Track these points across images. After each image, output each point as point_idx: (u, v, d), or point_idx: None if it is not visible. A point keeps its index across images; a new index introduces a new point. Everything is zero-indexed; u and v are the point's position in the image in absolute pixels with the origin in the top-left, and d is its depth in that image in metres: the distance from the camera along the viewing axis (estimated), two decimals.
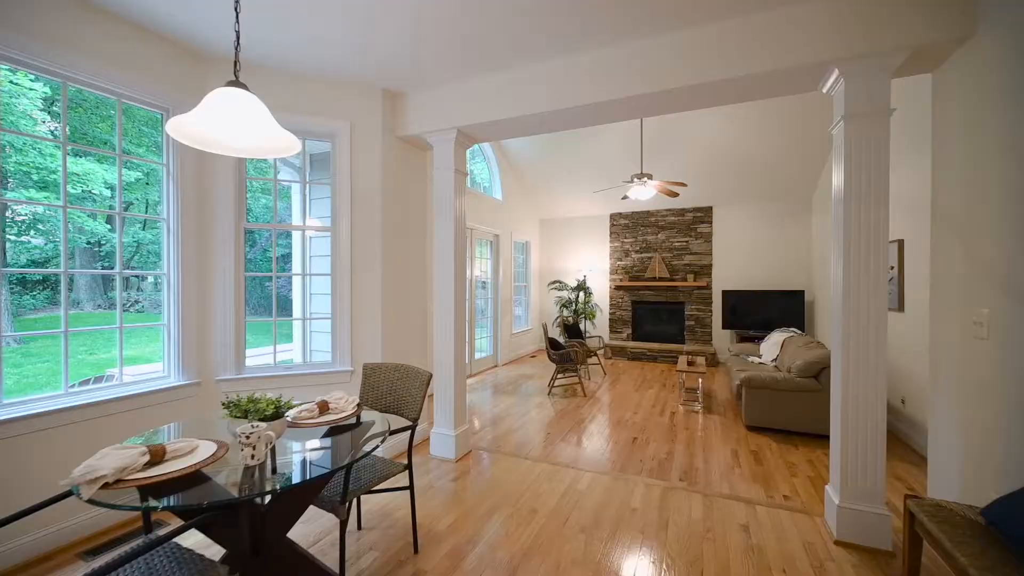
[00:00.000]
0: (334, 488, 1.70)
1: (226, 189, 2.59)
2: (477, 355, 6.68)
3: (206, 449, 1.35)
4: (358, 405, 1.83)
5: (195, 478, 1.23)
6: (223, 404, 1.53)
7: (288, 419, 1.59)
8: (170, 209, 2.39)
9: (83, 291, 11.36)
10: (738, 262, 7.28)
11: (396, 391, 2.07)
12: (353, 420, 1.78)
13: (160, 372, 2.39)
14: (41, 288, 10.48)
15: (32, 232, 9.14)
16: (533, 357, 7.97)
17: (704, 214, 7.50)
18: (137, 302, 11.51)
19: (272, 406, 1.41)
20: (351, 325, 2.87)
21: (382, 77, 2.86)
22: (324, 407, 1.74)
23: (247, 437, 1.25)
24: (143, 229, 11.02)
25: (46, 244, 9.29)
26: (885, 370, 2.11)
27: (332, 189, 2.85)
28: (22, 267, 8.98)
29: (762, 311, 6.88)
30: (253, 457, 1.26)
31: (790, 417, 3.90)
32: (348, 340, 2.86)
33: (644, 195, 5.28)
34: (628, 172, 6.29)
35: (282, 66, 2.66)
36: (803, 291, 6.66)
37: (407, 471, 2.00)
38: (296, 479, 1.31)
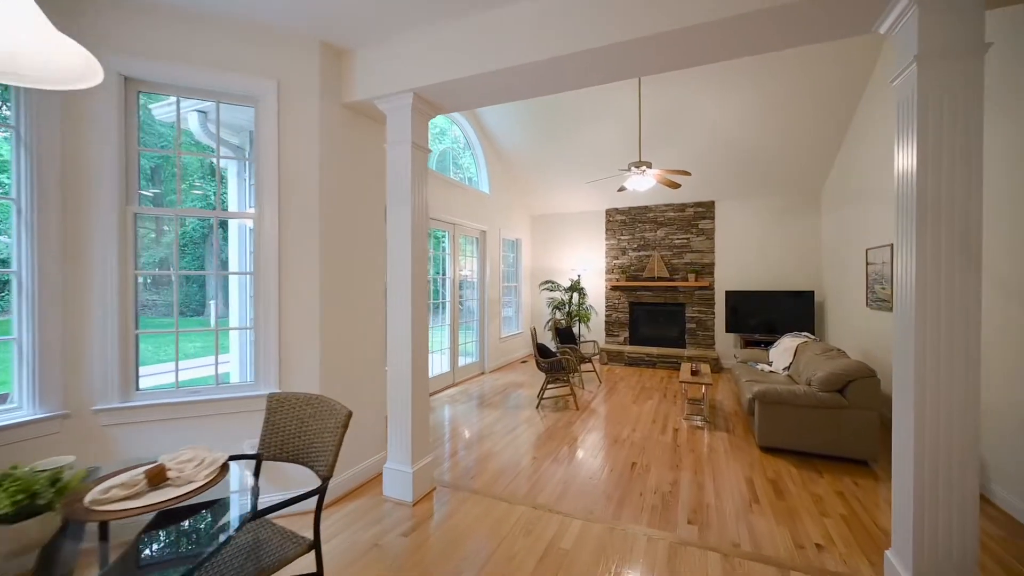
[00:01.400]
0: None
1: (108, 161, 2.00)
2: (461, 362, 6.11)
3: None
4: (224, 466, 1.25)
5: None
6: None
7: (85, 503, 1.01)
8: (21, 185, 1.82)
9: None
10: (742, 261, 6.75)
11: (307, 433, 1.51)
12: (217, 488, 1.18)
13: (13, 403, 1.81)
14: None
15: None
16: (524, 363, 7.41)
17: (706, 209, 6.97)
18: None
19: (23, 492, 0.82)
20: (279, 336, 2.30)
21: (320, 26, 2.28)
22: (157, 476, 1.15)
23: None
24: None
25: None
26: (978, 399, 1.56)
27: (256, 167, 2.27)
28: None
29: (768, 313, 6.36)
30: None
31: (811, 437, 3.37)
32: (275, 356, 2.29)
33: (643, 186, 4.73)
34: (625, 163, 5.73)
35: (184, 3, 2.08)
36: (812, 292, 6.14)
37: (313, 551, 1.40)
38: None
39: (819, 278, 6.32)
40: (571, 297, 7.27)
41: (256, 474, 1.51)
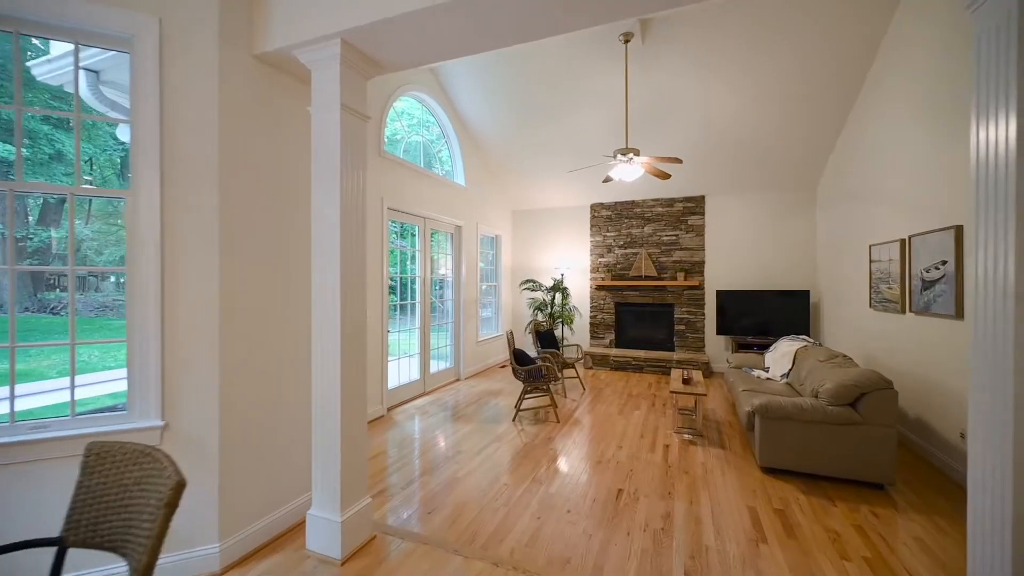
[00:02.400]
0: None
1: None
2: (434, 367, 5.60)
3: None
4: None
5: None
6: None
7: None
8: None
9: None
10: (734, 259, 6.39)
11: (129, 508, 1.00)
12: None
13: None
14: None
15: None
16: (503, 367, 6.93)
17: (696, 204, 6.58)
18: None
19: None
20: (161, 350, 1.77)
21: None
22: None
23: None
24: None
25: None
26: None
27: (132, 132, 1.74)
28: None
29: (761, 314, 6.00)
30: None
31: (819, 458, 2.97)
32: (155, 375, 1.76)
33: (630, 175, 4.28)
34: (611, 152, 5.29)
35: None
36: (808, 292, 5.80)
37: None
38: None
39: (814, 277, 5.98)
40: (554, 297, 6.81)
41: (56, 570, 0.99)
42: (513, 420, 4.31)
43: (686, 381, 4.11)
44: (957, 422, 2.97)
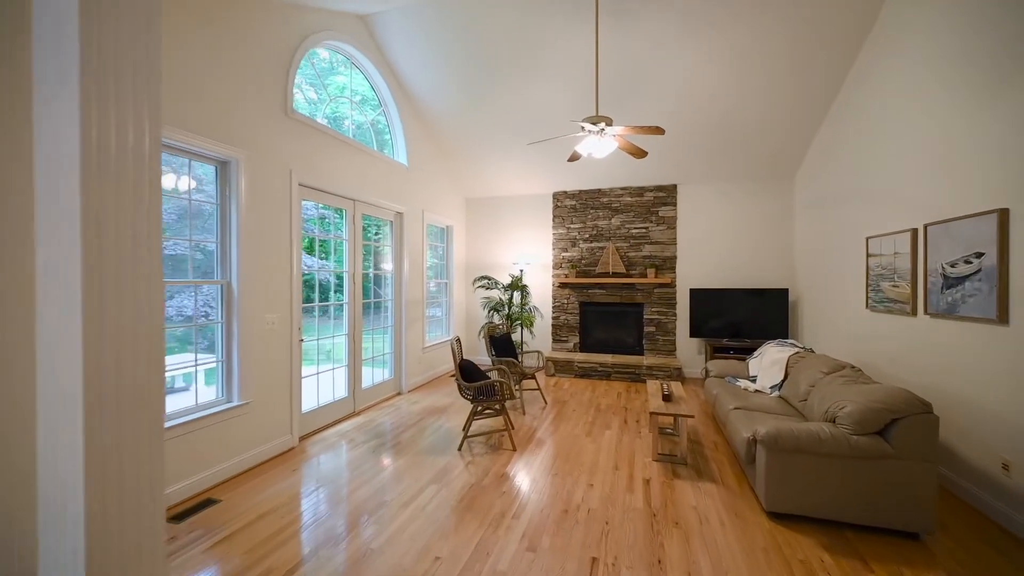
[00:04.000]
0: None
1: None
2: (368, 381, 4.66)
3: None
4: None
5: None
6: None
7: None
8: None
9: None
10: (708, 254, 5.86)
11: None
12: None
13: None
14: None
15: None
16: (454, 376, 6.04)
17: (667, 194, 6.00)
18: None
19: None
20: None
21: None
22: None
23: None
24: None
25: None
26: None
27: None
28: None
29: (736, 315, 5.49)
30: None
31: (842, 500, 2.36)
32: None
33: (602, 150, 3.55)
34: (577, 127, 4.53)
35: None
36: (786, 290, 5.34)
37: None
38: None
39: (793, 274, 5.53)
40: (511, 296, 6.01)
41: None
42: (459, 449, 3.47)
43: (667, 397, 3.43)
44: (997, 449, 2.43)
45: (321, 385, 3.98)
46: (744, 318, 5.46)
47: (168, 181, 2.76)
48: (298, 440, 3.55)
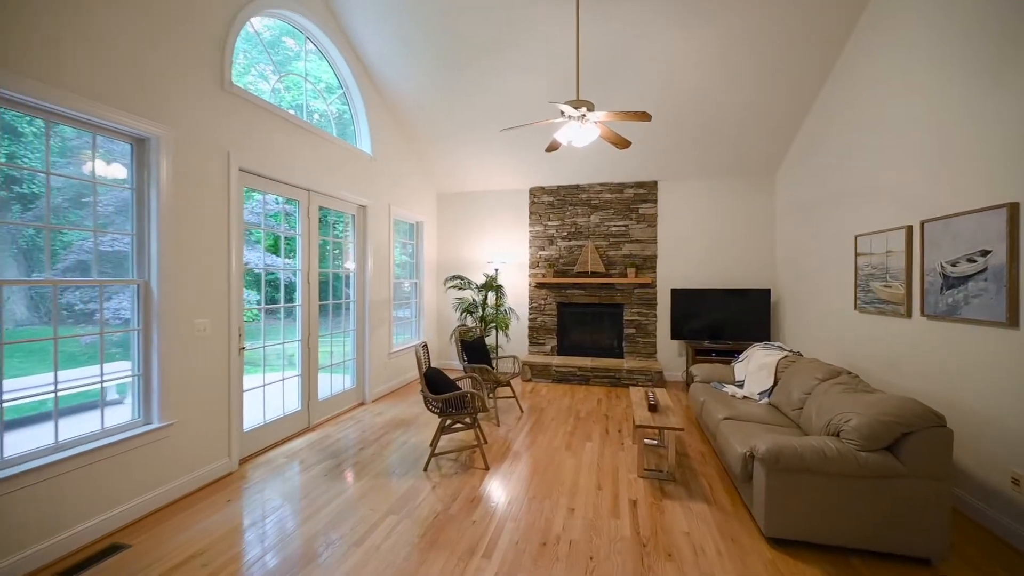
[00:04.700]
0: None
1: None
2: (326, 391, 4.22)
3: None
4: None
5: None
6: None
7: None
8: None
9: None
10: (689, 253, 5.67)
11: None
12: None
13: None
14: None
15: None
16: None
17: (648, 191, 5.78)
18: None
19: None
20: None
21: None
22: None
23: None
24: None
25: None
26: None
27: None
28: None
29: (718, 315, 5.32)
30: None
31: (847, 523, 2.14)
32: None
33: (583, 139, 3.24)
34: (555, 116, 4.23)
35: None
36: (768, 290, 5.20)
37: None
38: None
39: (774, 274, 5.40)
40: (486, 297, 5.66)
41: None
42: (425, 468, 3.10)
43: (652, 407, 3.15)
44: (1006, 462, 2.26)
45: (269, 398, 3.53)
46: (725, 319, 5.29)
47: (63, 160, 2.28)
48: (238, 464, 3.09)
